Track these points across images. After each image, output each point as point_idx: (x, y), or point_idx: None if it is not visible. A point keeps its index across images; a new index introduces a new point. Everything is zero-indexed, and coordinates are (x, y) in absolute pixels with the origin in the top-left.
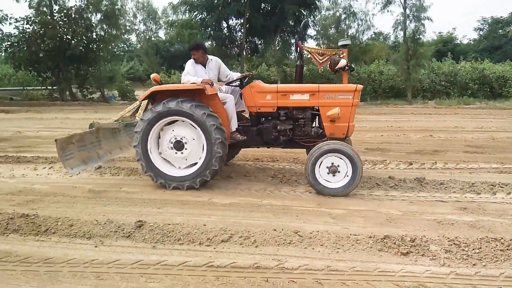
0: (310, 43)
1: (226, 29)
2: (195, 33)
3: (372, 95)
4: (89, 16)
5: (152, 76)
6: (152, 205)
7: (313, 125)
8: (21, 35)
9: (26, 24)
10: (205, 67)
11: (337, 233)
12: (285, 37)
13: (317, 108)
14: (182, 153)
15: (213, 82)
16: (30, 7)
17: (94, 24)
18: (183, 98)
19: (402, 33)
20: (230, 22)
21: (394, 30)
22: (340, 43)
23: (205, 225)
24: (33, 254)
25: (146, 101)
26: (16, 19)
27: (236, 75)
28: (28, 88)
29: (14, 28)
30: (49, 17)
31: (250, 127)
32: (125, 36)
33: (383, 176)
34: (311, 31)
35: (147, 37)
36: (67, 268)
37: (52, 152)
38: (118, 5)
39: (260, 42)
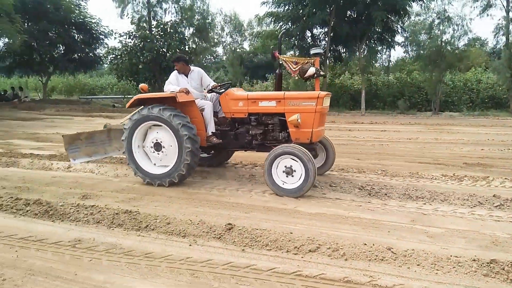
0: (398, 50)
1: (310, 38)
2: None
3: (468, 105)
4: (183, 30)
5: (140, 85)
6: (239, 209)
7: (281, 130)
8: (123, 48)
9: (128, 39)
10: (187, 77)
11: (435, 253)
12: (371, 44)
13: (284, 114)
14: (158, 154)
15: (189, 91)
16: (131, 23)
17: (187, 38)
18: (167, 104)
19: (504, 38)
20: (314, 31)
21: (495, 35)
22: (312, 52)
23: (291, 233)
24: (135, 248)
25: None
26: (120, 34)
27: (213, 84)
28: (128, 96)
29: (118, 42)
30: (147, 32)
31: (228, 131)
32: (213, 48)
33: (486, 194)
34: (398, 38)
35: (233, 48)
36: (165, 264)
37: None
38: (209, 19)
39: (344, 50)
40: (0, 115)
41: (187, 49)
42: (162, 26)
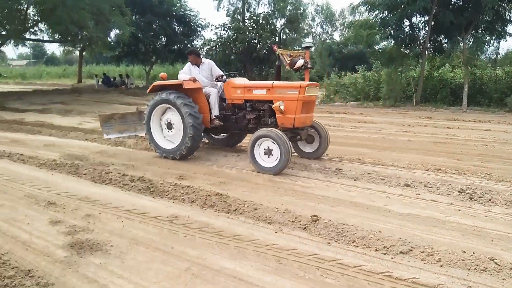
0: (509, 41)
1: (408, 27)
2: (373, 33)
3: None
4: (274, 21)
5: (160, 74)
6: (325, 202)
7: (270, 116)
8: (218, 40)
9: (223, 30)
10: (199, 67)
11: None
12: (478, 34)
13: (272, 102)
14: (169, 132)
15: (196, 79)
16: (227, 15)
17: (277, 29)
18: (177, 91)
19: None
20: (413, 20)
21: None
22: (303, 45)
23: (380, 231)
24: (224, 228)
25: None
26: (215, 26)
27: (224, 75)
28: None
29: (213, 34)
30: (241, 24)
31: (230, 115)
32: (303, 39)
33: None
34: (511, 28)
35: (322, 39)
36: (252, 247)
37: (241, 142)
38: (301, 9)
39: (445, 40)
40: (109, 99)
41: (277, 40)
42: (254, 17)
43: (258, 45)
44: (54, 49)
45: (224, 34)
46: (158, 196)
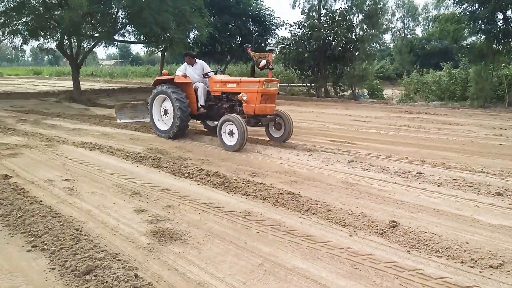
0: None
1: (501, 21)
2: (461, 27)
3: None
4: (351, 17)
5: (163, 71)
6: (405, 207)
7: (239, 105)
8: (292, 38)
9: (297, 28)
10: (192, 67)
11: None
12: None
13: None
14: (164, 117)
15: (187, 75)
16: (302, 13)
17: (355, 25)
18: (171, 85)
19: None
20: (508, 13)
21: None
22: (267, 48)
23: (467, 242)
24: (297, 228)
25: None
26: (290, 24)
27: (210, 72)
28: (291, 84)
29: (288, 32)
30: (316, 21)
31: (213, 105)
32: (382, 35)
33: None
34: None
35: (403, 35)
36: (325, 249)
37: (311, 141)
38: (380, 4)
39: None
40: None
41: (353, 36)
42: (330, 14)
43: (333, 42)
44: (138, 50)
45: (298, 32)
46: (231, 192)
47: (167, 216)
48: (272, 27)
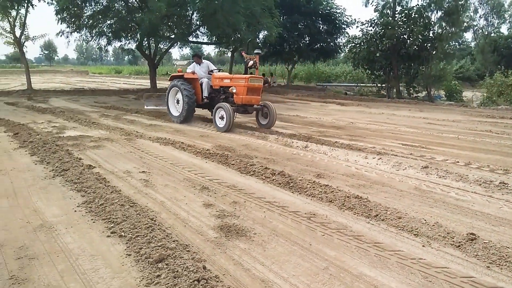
0: None
1: None
2: None
3: None
4: (429, 14)
5: (178, 69)
6: (485, 220)
7: (232, 96)
8: (363, 36)
9: (369, 27)
10: (199, 65)
11: None
12: None
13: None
14: (177, 105)
15: (195, 72)
16: (375, 10)
17: (432, 22)
18: (182, 80)
19: None
20: None
21: None
22: (255, 51)
23: None
24: (364, 234)
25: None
26: (361, 22)
27: (214, 70)
28: (361, 84)
29: (359, 31)
30: (390, 18)
31: (214, 97)
32: (462, 33)
33: None
34: None
35: (486, 33)
36: (395, 258)
37: (380, 144)
38: (461, 0)
39: None
40: None
41: (431, 34)
42: (406, 11)
43: (408, 41)
44: (209, 50)
45: (370, 30)
46: (296, 192)
47: (233, 212)
48: (343, 26)
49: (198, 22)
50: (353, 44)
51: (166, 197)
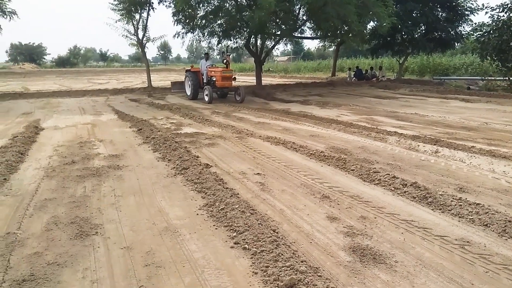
0: None
1: None
2: None
3: None
4: None
5: (192, 65)
6: None
7: (214, 82)
8: (494, 23)
9: (501, 12)
10: (206, 61)
11: None
12: None
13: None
14: (189, 87)
15: (200, 67)
16: None
17: None
18: (191, 72)
19: None
20: None
21: None
22: (227, 53)
23: None
24: None
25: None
26: (491, 7)
27: (212, 65)
28: (489, 78)
29: (488, 17)
30: None
31: (209, 82)
32: None
33: None
34: None
35: None
36: None
37: None
38: None
39: None
40: (361, 92)
41: None
42: None
43: None
44: (310, 45)
45: (503, 16)
46: (437, 209)
47: (364, 230)
48: (466, 12)
49: (304, 17)
50: (480, 33)
51: (285, 204)
